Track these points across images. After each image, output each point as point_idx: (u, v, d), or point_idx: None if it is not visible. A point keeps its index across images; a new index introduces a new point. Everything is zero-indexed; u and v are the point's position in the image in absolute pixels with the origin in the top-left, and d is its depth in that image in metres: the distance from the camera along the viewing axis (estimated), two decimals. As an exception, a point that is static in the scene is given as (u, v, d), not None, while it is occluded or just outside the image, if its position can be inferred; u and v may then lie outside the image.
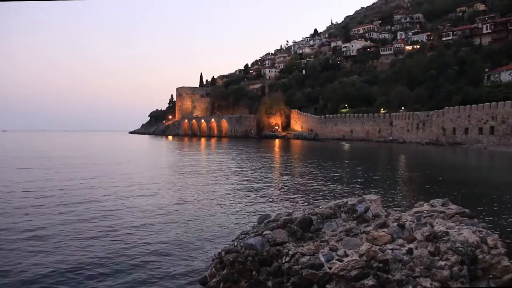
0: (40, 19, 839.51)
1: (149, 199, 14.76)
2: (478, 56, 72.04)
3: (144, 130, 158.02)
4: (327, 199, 14.15)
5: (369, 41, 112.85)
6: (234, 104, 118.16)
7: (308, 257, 5.36)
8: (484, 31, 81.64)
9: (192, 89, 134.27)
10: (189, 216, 11.94)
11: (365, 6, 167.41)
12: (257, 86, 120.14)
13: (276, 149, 54.96)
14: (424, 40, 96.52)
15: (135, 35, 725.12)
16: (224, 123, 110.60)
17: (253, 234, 5.99)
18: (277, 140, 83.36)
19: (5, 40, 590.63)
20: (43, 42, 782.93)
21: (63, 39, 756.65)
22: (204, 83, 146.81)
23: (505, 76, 63.00)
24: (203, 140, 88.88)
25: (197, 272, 7.09)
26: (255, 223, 6.69)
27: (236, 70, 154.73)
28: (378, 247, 5.26)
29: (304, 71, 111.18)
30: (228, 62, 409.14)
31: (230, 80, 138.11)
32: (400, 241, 5.36)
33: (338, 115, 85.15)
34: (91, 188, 17.28)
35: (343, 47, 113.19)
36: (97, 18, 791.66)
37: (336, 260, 5.22)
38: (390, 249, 5.21)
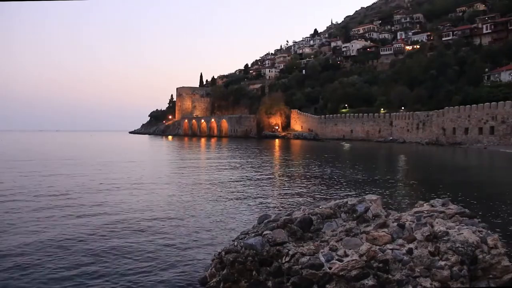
0: (40, 19, 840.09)
1: (148, 199, 14.74)
2: (478, 56, 72.06)
3: (144, 130, 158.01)
4: (327, 199, 14.14)
5: (369, 41, 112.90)
6: (234, 104, 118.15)
7: (308, 257, 5.36)
8: (484, 31, 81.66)
9: (192, 89, 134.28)
10: (189, 216, 11.93)
11: (365, 6, 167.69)
12: (257, 86, 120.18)
13: (276, 149, 54.94)
14: (424, 40, 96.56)
15: (136, 35, 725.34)
16: (224, 123, 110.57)
17: (253, 234, 5.99)
18: (277, 140, 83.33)
19: (4, 40, 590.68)
20: (43, 42, 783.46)
21: (63, 39, 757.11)
22: (204, 83, 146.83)
23: (505, 76, 63.02)
24: (203, 140, 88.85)
25: (197, 272, 7.09)
26: (255, 223, 6.69)
27: (236, 70, 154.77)
28: (378, 247, 5.26)
29: (304, 71, 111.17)
30: (228, 62, 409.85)
31: (230, 80, 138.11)
32: (400, 241, 5.36)
33: (338, 115, 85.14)
34: (90, 187, 17.28)
35: (343, 47, 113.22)
36: (97, 18, 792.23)
37: (336, 260, 5.22)
38: (390, 249, 5.21)
